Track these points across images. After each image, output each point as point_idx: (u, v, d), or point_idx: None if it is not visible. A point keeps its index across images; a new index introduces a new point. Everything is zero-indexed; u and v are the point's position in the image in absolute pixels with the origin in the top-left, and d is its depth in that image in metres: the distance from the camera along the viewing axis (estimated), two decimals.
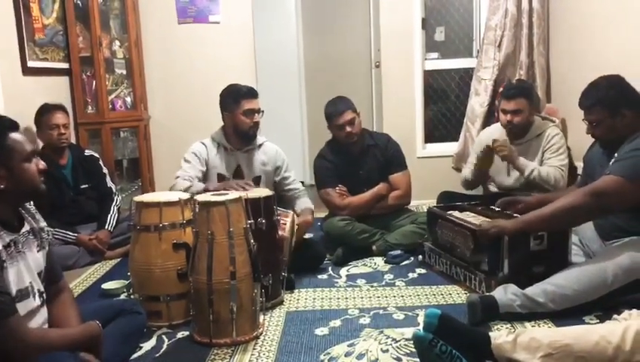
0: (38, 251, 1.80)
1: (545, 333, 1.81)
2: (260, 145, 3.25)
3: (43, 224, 1.87)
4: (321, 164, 3.42)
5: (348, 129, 3.28)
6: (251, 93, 3.12)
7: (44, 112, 3.34)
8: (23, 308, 1.66)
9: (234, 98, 3.10)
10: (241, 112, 3.08)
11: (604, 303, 2.27)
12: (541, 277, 2.36)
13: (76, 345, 1.70)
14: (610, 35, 3.51)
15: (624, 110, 2.38)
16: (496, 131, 3.51)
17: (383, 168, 3.39)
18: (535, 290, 2.30)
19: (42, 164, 1.79)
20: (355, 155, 3.39)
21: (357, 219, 3.29)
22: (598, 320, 2.23)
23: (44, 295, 1.80)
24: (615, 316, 1.92)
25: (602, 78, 2.48)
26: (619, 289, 2.26)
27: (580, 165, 2.99)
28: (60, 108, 3.40)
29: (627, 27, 3.34)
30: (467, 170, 3.57)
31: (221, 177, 3.13)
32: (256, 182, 3.15)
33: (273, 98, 5.28)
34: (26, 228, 1.77)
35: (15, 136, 1.71)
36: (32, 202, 1.87)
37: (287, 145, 3.72)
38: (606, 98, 2.41)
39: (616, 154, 2.36)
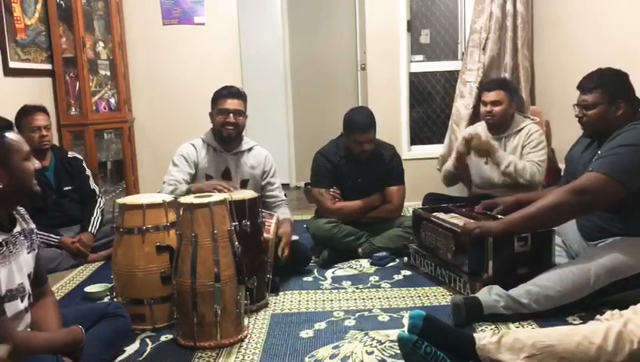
0: (28, 253, 1.79)
1: (528, 334, 1.82)
2: (250, 149, 3.23)
3: (33, 226, 1.86)
4: (322, 163, 3.36)
5: (366, 147, 3.24)
6: (230, 94, 3.10)
7: (25, 114, 3.29)
8: (10, 309, 1.65)
9: (215, 97, 3.13)
10: (216, 111, 3.10)
11: (587, 304, 2.28)
12: (525, 279, 2.37)
13: (59, 349, 1.70)
14: (593, 39, 3.55)
15: (621, 102, 2.38)
16: (479, 128, 3.58)
17: (382, 179, 3.36)
18: (519, 291, 2.31)
19: (37, 164, 1.77)
20: (358, 162, 3.31)
21: (343, 221, 3.27)
22: (581, 321, 2.24)
23: (31, 297, 1.79)
24: (598, 316, 1.94)
25: (608, 68, 2.48)
26: (601, 290, 2.27)
27: (563, 167, 3.00)
28: (41, 109, 3.35)
29: (609, 31, 3.37)
30: (449, 163, 3.68)
31: (209, 178, 3.11)
32: (243, 185, 3.13)
33: (259, 100, 5.26)
34: (18, 228, 1.76)
35: (12, 135, 1.69)
36: None
37: (273, 147, 3.71)
38: (609, 84, 2.41)
39: (599, 152, 2.37)
